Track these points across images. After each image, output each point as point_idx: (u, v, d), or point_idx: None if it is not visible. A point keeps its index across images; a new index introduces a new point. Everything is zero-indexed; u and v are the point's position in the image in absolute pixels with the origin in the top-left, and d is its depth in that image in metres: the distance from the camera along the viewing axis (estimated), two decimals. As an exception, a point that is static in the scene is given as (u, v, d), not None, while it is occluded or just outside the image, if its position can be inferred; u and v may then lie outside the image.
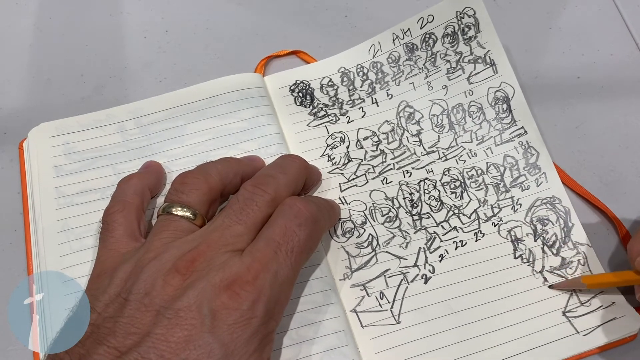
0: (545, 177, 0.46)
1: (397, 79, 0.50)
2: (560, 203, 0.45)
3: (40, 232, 0.42)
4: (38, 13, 0.53)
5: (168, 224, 0.37)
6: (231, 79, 0.48)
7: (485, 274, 0.43)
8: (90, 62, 0.51)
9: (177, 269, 0.33)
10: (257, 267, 0.33)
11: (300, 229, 0.35)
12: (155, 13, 0.54)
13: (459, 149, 0.47)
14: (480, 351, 0.40)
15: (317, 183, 0.45)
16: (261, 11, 0.54)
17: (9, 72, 0.50)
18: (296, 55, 0.52)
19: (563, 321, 0.41)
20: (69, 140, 0.46)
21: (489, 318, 0.41)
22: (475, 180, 0.46)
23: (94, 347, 0.31)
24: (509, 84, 0.48)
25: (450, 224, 0.45)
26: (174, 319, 0.31)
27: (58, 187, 0.44)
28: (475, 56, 0.49)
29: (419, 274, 0.43)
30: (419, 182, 0.46)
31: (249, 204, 0.36)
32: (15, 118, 0.48)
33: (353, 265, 0.43)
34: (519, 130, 0.47)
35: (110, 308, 0.33)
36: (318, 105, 0.49)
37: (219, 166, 0.40)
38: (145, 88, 0.50)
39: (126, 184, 0.41)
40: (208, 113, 0.47)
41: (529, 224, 0.45)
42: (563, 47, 0.54)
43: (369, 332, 0.41)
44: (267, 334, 0.33)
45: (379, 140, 0.47)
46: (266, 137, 0.46)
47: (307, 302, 0.41)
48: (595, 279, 0.41)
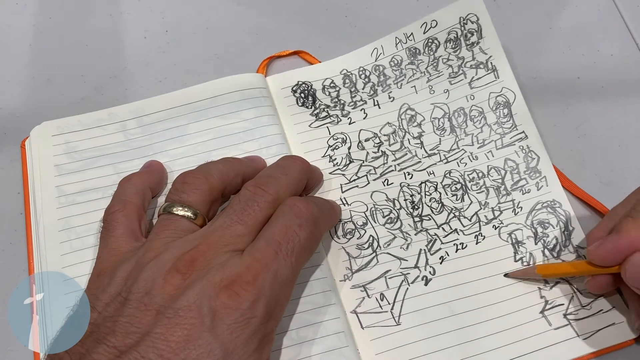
0: (546, 181, 0.46)
1: (399, 82, 0.50)
2: (561, 207, 0.45)
3: (42, 230, 0.42)
4: (38, 13, 0.53)
5: (169, 223, 0.37)
6: (233, 79, 0.48)
7: (485, 276, 0.43)
8: (90, 62, 0.51)
9: (177, 268, 0.33)
10: (257, 267, 0.33)
11: (301, 229, 0.35)
12: (155, 13, 0.54)
13: (460, 151, 0.47)
14: (481, 353, 0.40)
15: (318, 184, 0.45)
16: (261, 11, 0.54)
17: (9, 72, 0.50)
18: (298, 55, 0.52)
19: (564, 324, 0.41)
20: (70, 140, 0.45)
21: (489, 320, 0.41)
22: (476, 183, 0.46)
23: (94, 346, 0.31)
24: (510, 89, 0.48)
25: (451, 226, 0.45)
26: (174, 318, 0.31)
27: (59, 186, 0.44)
28: (477, 62, 0.49)
29: (419, 276, 0.43)
30: (420, 184, 0.46)
31: (250, 204, 0.36)
32: (15, 118, 0.48)
33: (353, 266, 0.43)
34: (520, 134, 0.47)
35: (110, 307, 0.33)
36: (320, 106, 0.49)
37: (220, 166, 0.40)
38: (145, 88, 0.50)
39: (127, 184, 0.41)
40: (210, 113, 0.47)
41: (530, 227, 0.45)
42: (563, 47, 0.54)
43: (369, 333, 0.41)
44: (266, 333, 0.33)
45: (380, 142, 0.47)
46: (268, 138, 0.46)
47: (308, 302, 0.41)
48: (550, 269, 0.41)
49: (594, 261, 0.38)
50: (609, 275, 0.39)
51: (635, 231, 0.36)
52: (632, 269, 0.36)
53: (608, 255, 0.37)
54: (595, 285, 0.40)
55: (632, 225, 0.36)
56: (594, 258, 0.38)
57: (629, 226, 0.36)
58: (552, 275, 0.42)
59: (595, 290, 0.41)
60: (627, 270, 0.36)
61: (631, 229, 0.36)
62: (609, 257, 0.37)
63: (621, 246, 0.36)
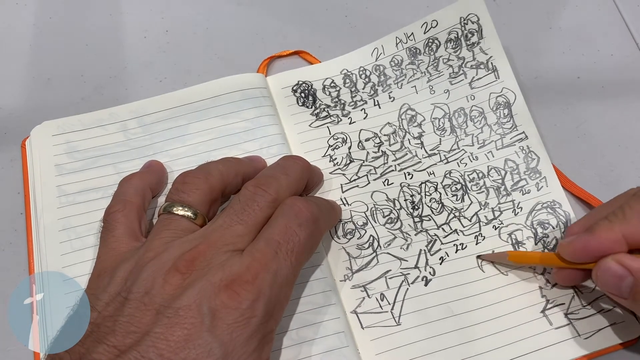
0: (546, 182, 0.46)
1: (399, 82, 0.50)
2: (561, 207, 0.45)
3: (42, 230, 0.42)
4: (38, 13, 0.53)
5: (169, 223, 0.36)
6: (234, 79, 0.48)
7: (485, 276, 0.43)
8: (90, 62, 0.51)
9: (177, 268, 0.33)
10: (257, 267, 0.33)
11: (301, 228, 0.35)
12: (155, 13, 0.54)
13: (460, 152, 0.47)
14: (481, 353, 0.40)
15: (318, 184, 0.45)
16: (261, 11, 0.54)
17: (9, 72, 0.50)
18: (298, 55, 0.52)
19: (565, 323, 0.41)
20: (71, 139, 0.46)
21: (489, 320, 0.41)
22: (476, 183, 0.46)
23: (94, 346, 0.31)
24: (510, 90, 0.48)
25: (451, 226, 0.45)
26: (174, 318, 0.31)
27: (60, 186, 0.44)
28: (477, 62, 0.49)
29: (419, 276, 0.43)
30: (420, 184, 0.46)
31: (250, 204, 0.36)
32: (15, 118, 0.48)
33: (354, 267, 0.43)
34: (520, 135, 0.47)
35: (110, 307, 0.33)
36: (320, 106, 0.49)
37: (220, 166, 0.40)
38: (146, 88, 0.50)
39: (127, 183, 0.41)
40: (210, 113, 0.47)
41: (530, 227, 0.45)
42: (563, 47, 0.54)
43: (369, 334, 0.41)
44: (266, 333, 0.33)
45: (380, 142, 0.47)
46: (268, 138, 0.46)
47: (308, 302, 0.41)
48: (519, 256, 0.42)
49: (563, 255, 0.38)
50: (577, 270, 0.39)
51: (607, 234, 0.36)
52: (603, 274, 0.36)
53: (577, 253, 0.37)
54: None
55: (605, 228, 0.36)
56: (563, 252, 0.38)
57: (603, 228, 0.36)
58: (520, 261, 0.42)
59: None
60: (598, 275, 0.37)
61: (604, 232, 0.36)
62: (578, 254, 0.37)
63: (591, 246, 0.36)
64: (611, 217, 0.37)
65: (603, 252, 0.36)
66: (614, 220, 0.36)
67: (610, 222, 0.36)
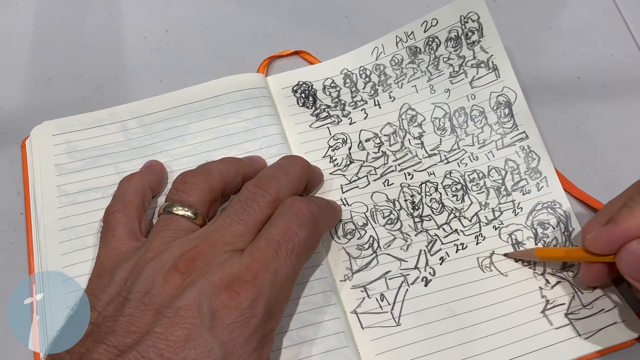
0: (546, 182, 0.46)
1: (399, 82, 0.50)
2: (561, 207, 0.45)
3: (42, 230, 0.42)
4: (38, 13, 0.53)
5: (169, 223, 0.36)
6: (234, 79, 0.48)
7: (486, 277, 0.43)
8: (90, 62, 0.51)
9: (177, 268, 0.33)
10: (257, 267, 0.33)
11: (301, 228, 0.35)
12: (155, 13, 0.54)
13: (460, 152, 0.47)
14: (481, 354, 0.40)
15: (318, 184, 0.45)
16: (261, 11, 0.54)
17: (9, 72, 0.50)
18: (299, 55, 0.52)
19: (565, 323, 0.41)
20: (71, 139, 0.45)
21: (489, 320, 0.41)
22: (476, 184, 0.46)
23: (94, 346, 0.31)
24: (511, 89, 0.48)
25: (451, 226, 0.45)
26: (174, 317, 0.31)
27: (60, 186, 0.44)
28: (478, 60, 0.49)
29: (419, 277, 0.43)
30: (420, 185, 0.46)
31: (250, 204, 0.36)
32: (15, 118, 0.48)
33: (354, 267, 0.43)
34: (521, 134, 0.47)
35: (110, 307, 0.33)
36: (320, 106, 0.49)
37: (220, 166, 0.40)
38: (146, 88, 0.50)
39: (127, 183, 0.41)
40: (210, 113, 0.47)
41: (530, 227, 0.45)
42: (563, 47, 0.54)
43: (369, 334, 0.41)
44: (266, 333, 0.33)
45: (380, 142, 0.47)
46: (268, 138, 0.46)
47: (308, 303, 0.40)
48: (547, 252, 0.42)
49: (590, 249, 0.38)
50: (604, 266, 0.39)
51: (632, 219, 0.36)
52: (627, 256, 0.36)
53: (604, 243, 0.37)
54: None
55: (628, 214, 0.36)
56: (589, 245, 0.38)
57: (626, 215, 0.36)
58: (549, 258, 0.42)
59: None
60: (622, 259, 0.36)
61: (628, 218, 0.36)
62: (606, 245, 0.37)
63: (618, 234, 0.36)
64: (630, 203, 0.37)
65: (628, 238, 0.36)
66: (634, 206, 0.36)
67: (630, 208, 0.36)
